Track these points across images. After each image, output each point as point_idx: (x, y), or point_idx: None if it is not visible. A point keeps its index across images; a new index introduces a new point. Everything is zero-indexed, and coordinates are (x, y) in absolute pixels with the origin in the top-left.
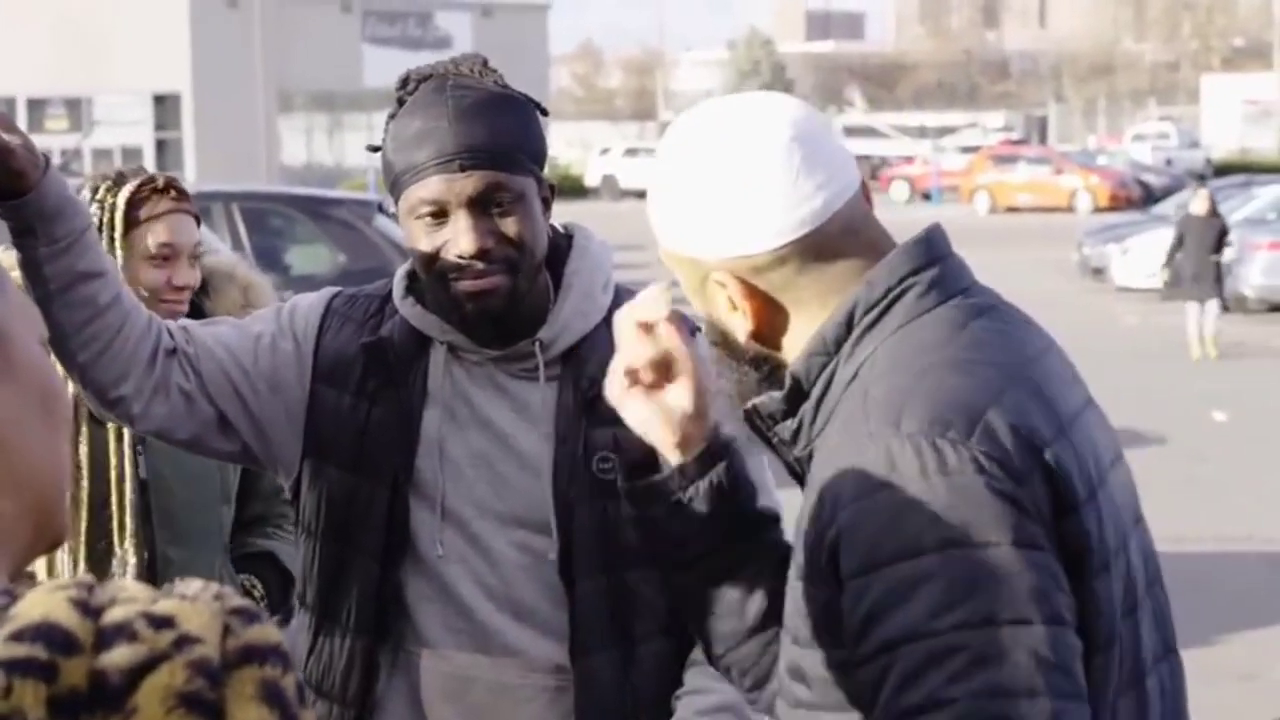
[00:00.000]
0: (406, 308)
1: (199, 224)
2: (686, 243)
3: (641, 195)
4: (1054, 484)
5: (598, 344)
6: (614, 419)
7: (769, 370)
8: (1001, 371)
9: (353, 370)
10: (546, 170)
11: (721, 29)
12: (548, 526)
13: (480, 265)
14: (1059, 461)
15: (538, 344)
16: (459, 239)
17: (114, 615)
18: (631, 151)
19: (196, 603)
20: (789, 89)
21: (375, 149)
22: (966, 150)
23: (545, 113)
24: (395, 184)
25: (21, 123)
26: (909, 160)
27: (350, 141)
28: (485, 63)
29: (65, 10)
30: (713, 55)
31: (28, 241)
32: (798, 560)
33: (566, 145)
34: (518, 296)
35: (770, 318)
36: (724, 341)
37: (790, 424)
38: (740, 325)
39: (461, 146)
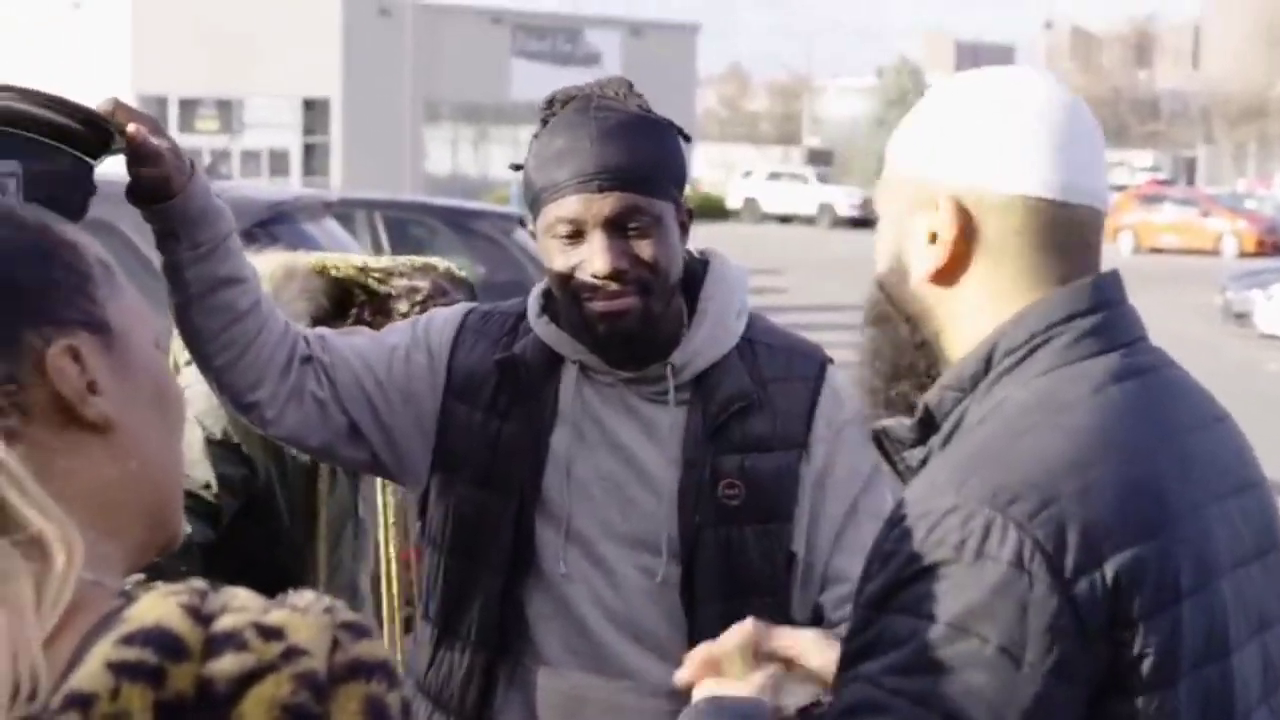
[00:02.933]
0: (540, 326)
1: None
2: (927, 161)
3: (784, 219)
4: (1115, 592)
5: (729, 370)
6: (742, 446)
7: (921, 340)
8: (1109, 452)
9: (485, 386)
10: (688, 190)
11: (871, 57)
12: (670, 549)
13: (614, 286)
14: (1130, 570)
15: (669, 368)
16: (594, 259)
17: (224, 623)
18: (775, 175)
19: (307, 615)
20: None
21: (518, 167)
22: (1113, 189)
23: (688, 138)
24: (535, 201)
25: (173, 122)
26: None
27: (495, 154)
28: (630, 86)
29: (219, 13)
30: (861, 83)
31: (170, 245)
32: None
33: (709, 166)
34: (651, 319)
35: (959, 265)
36: (896, 287)
37: (919, 453)
38: (929, 260)
39: (601, 167)
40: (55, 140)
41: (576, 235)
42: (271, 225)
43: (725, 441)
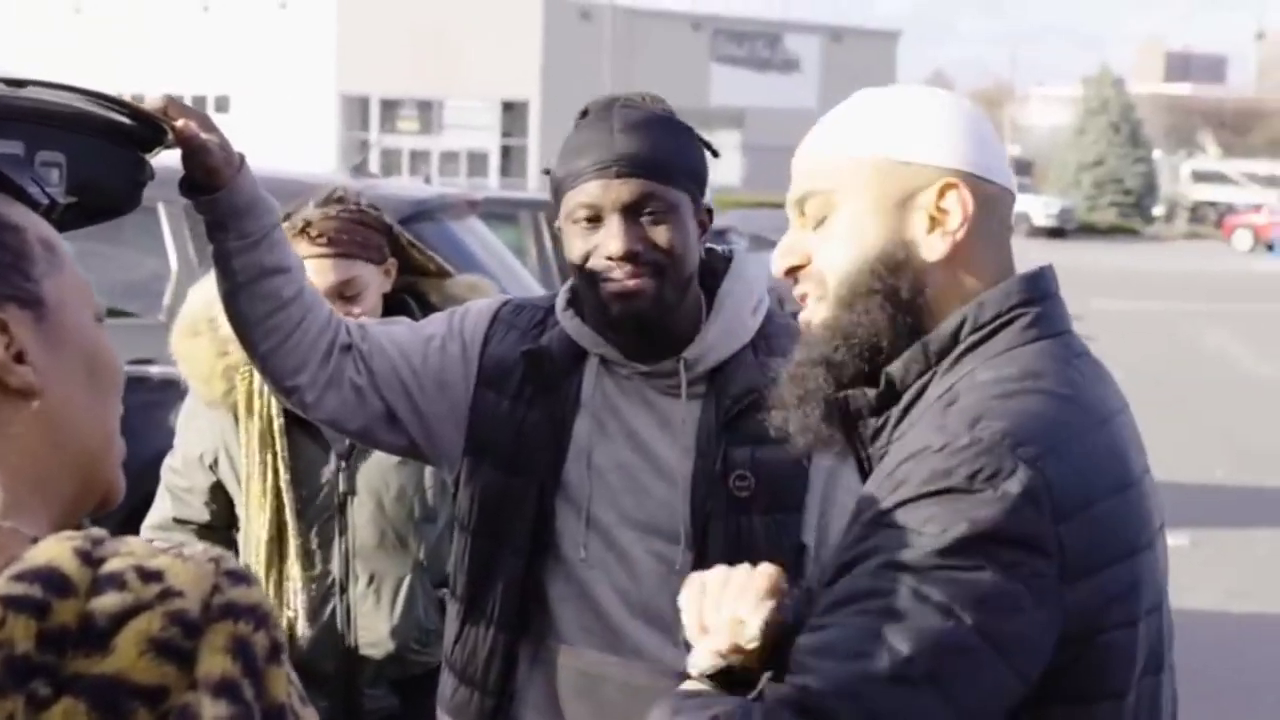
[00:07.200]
0: (566, 320)
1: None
2: (927, 146)
3: None
4: (1098, 535)
5: (743, 364)
6: (753, 439)
7: (900, 321)
8: (1089, 415)
9: (513, 375)
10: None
11: (1080, 67)
12: (682, 537)
13: (628, 268)
14: (1108, 518)
15: (682, 362)
16: (609, 241)
17: (111, 566)
18: None
19: (189, 562)
20: (1136, 130)
21: (548, 172)
22: None
23: (715, 153)
24: (557, 191)
25: (374, 122)
26: (1256, 209)
27: None
28: (654, 97)
29: (422, 15)
30: (1065, 91)
31: (219, 235)
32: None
33: None
34: (664, 304)
35: (966, 248)
36: (894, 270)
37: (874, 423)
38: (935, 246)
39: (619, 155)
40: (109, 135)
41: (595, 220)
42: (414, 223)
43: (737, 434)
